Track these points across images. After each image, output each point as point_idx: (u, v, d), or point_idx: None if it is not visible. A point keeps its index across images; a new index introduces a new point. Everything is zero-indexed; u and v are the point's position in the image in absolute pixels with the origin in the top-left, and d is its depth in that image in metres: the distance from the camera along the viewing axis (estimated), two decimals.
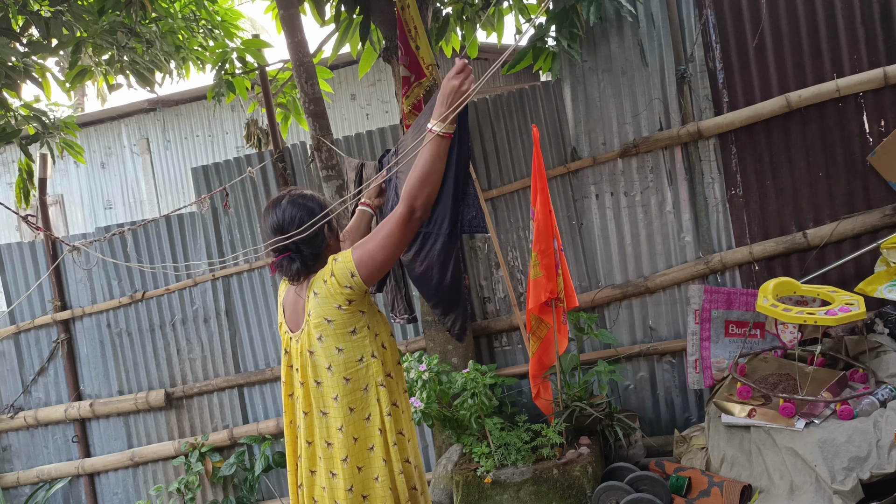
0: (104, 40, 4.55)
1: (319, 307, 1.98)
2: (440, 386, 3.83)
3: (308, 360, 2.04)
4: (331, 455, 2.04)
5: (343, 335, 1.99)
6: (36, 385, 5.54)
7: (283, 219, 2.06)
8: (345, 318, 1.98)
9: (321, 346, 2.00)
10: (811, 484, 2.95)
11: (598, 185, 4.44)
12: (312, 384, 2.05)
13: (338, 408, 2.01)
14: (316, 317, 1.99)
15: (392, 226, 1.91)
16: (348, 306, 1.97)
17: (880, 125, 3.92)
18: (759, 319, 3.88)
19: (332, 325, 1.98)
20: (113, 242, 5.32)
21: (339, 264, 1.96)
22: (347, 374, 2.01)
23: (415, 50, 4.21)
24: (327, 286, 1.96)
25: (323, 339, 2.00)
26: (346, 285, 1.94)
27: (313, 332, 2.01)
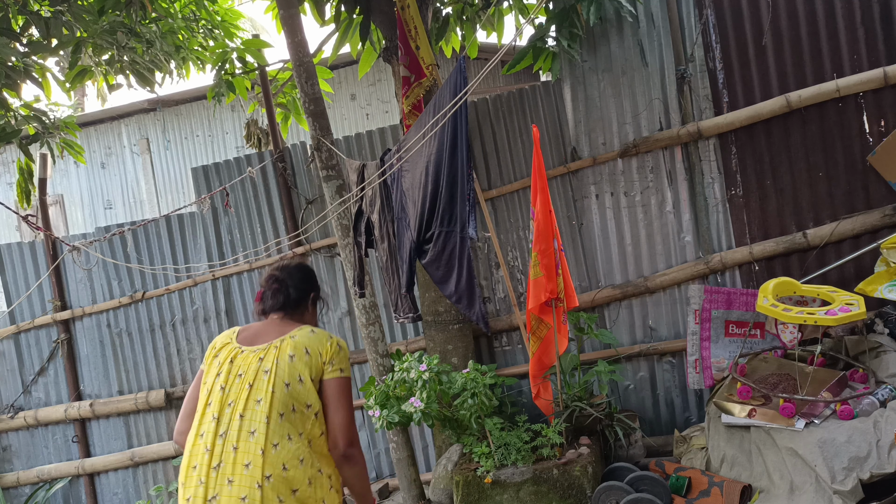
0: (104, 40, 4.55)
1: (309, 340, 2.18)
2: (440, 386, 3.83)
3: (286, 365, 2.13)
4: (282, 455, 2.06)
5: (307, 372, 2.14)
6: (36, 385, 5.54)
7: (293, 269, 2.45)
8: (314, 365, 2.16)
9: (293, 363, 2.13)
10: (811, 484, 2.95)
11: (598, 185, 4.44)
12: (281, 385, 2.10)
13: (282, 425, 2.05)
14: (300, 343, 2.16)
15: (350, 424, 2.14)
16: (319, 364, 2.16)
17: (880, 125, 3.91)
18: (759, 319, 3.88)
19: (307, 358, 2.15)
20: (113, 242, 5.32)
21: (346, 360, 2.22)
22: (296, 405, 2.09)
23: (415, 50, 4.21)
24: (329, 343, 2.20)
25: (294, 359, 2.14)
26: (327, 362, 2.16)
27: (290, 350, 2.15)
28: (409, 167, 3.69)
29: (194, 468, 2.04)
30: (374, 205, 4.12)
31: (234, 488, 1.97)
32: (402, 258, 3.86)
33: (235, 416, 2.06)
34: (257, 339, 2.23)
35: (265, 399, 2.06)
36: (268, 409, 2.05)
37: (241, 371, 2.14)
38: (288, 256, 5.07)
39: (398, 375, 3.88)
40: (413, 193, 3.64)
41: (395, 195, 3.92)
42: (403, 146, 3.74)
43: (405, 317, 4.13)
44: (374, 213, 4.15)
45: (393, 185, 3.93)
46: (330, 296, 5.06)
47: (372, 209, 4.16)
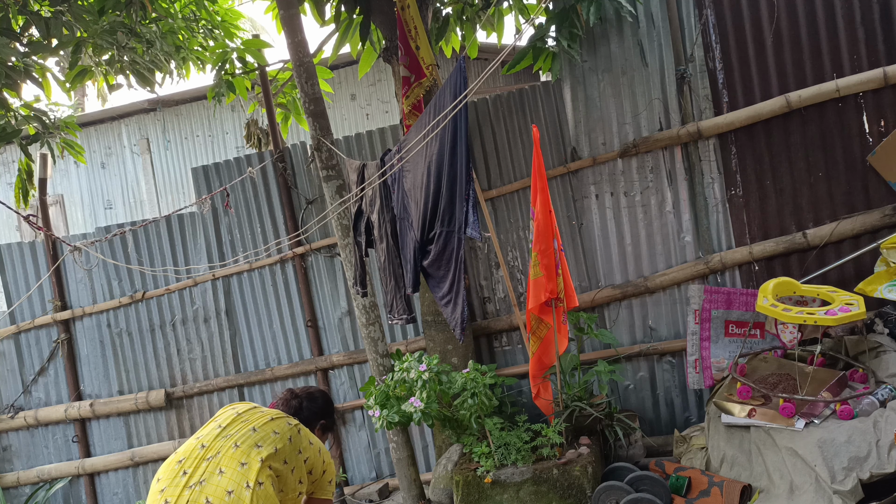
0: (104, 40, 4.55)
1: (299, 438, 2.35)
2: (440, 386, 3.83)
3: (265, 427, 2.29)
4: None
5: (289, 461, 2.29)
6: (36, 385, 5.55)
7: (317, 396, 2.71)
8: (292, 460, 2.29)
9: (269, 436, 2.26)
10: (811, 484, 2.95)
11: (598, 185, 4.44)
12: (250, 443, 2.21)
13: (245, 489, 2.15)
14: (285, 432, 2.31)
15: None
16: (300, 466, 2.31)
17: (880, 125, 3.92)
18: (759, 319, 3.88)
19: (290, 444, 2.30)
20: (113, 242, 5.32)
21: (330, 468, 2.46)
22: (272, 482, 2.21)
23: (415, 50, 4.21)
24: (318, 451, 2.40)
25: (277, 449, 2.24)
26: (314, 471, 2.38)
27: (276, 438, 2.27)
28: (411, 167, 3.69)
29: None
30: (374, 205, 4.12)
31: None
32: (405, 258, 3.86)
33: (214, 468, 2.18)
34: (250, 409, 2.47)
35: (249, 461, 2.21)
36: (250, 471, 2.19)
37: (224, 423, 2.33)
38: (288, 256, 5.07)
39: (398, 375, 3.88)
40: (415, 193, 3.64)
41: (396, 195, 3.92)
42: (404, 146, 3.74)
43: (399, 318, 4.11)
44: (373, 213, 4.15)
45: (394, 186, 3.93)
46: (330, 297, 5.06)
47: (372, 209, 4.16)
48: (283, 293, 5.14)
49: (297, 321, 5.13)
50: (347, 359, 4.99)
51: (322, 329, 5.11)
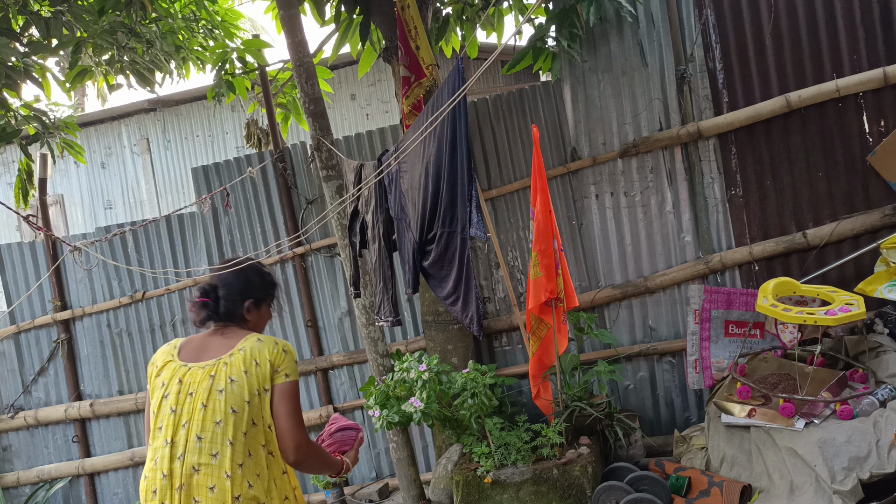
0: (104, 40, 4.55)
1: (257, 351, 2.10)
2: (440, 386, 3.83)
3: (228, 386, 2.04)
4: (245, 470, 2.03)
5: (258, 387, 2.07)
6: (36, 385, 5.55)
7: (241, 279, 2.32)
8: (265, 374, 2.09)
9: (245, 379, 2.05)
10: (811, 484, 2.95)
11: (598, 185, 4.44)
12: (227, 411, 2.02)
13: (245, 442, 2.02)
14: (249, 356, 2.08)
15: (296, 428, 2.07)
16: (270, 371, 2.09)
17: (880, 125, 3.92)
18: (759, 319, 3.88)
19: (258, 369, 2.08)
20: (113, 242, 5.32)
21: (292, 365, 2.13)
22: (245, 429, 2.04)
23: (415, 50, 4.21)
24: (275, 349, 2.12)
25: (248, 374, 2.06)
26: (276, 368, 2.09)
27: (239, 365, 2.07)
28: (408, 168, 3.68)
29: (154, 492, 1.99)
30: (369, 205, 4.12)
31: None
32: (404, 259, 3.86)
33: (192, 437, 1.99)
34: (203, 354, 2.13)
35: (225, 421, 2.00)
36: (232, 430, 1.99)
37: (192, 390, 2.05)
38: (288, 256, 5.07)
39: (398, 375, 3.88)
40: (413, 194, 3.64)
41: (393, 196, 3.92)
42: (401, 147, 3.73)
43: (385, 320, 4.09)
44: (367, 213, 4.14)
45: (391, 187, 3.93)
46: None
47: (367, 210, 4.16)
48: (283, 293, 5.14)
49: (297, 321, 5.13)
50: (347, 359, 4.99)
51: (322, 329, 5.11)
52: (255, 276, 2.33)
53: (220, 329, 2.21)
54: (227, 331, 2.20)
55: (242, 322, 2.25)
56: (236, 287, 2.25)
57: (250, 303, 2.27)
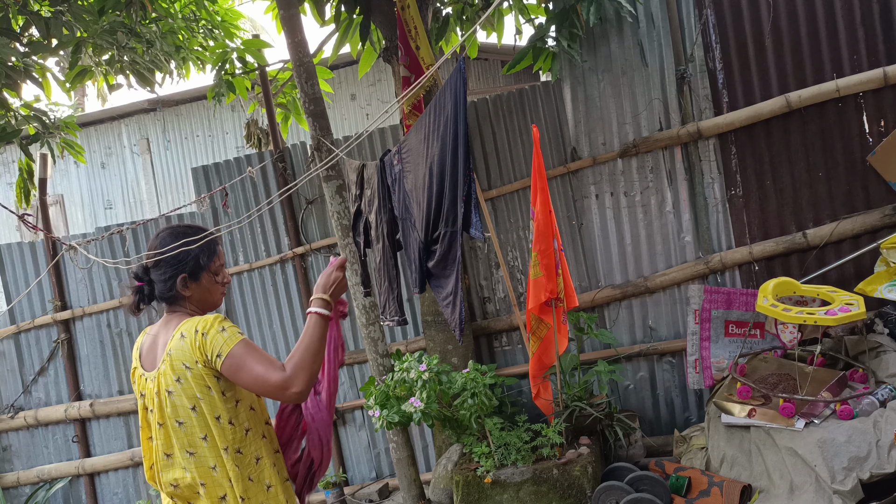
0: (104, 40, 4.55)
1: (181, 350, 1.86)
2: (440, 386, 3.83)
3: (166, 399, 1.89)
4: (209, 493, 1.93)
5: (201, 387, 1.88)
6: (36, 385, 5.54)
7: (153, 247, 2.06)
8: (202, 373, 1.87)
9: (180, 387, 1.87)
10: (811, 484, 2.95)
11: (598, 185, 4.44)
12: (174, 424, 1.90)
13: (208, 447, 1.88)
14: (176, 358, 1.87)
15: (270, 378, 1.80)
16: (202, 368, 1.86)
17: (880, 125, 3.92)
18: (759, 319, 3.88)
19: (191, 374, 1.86)
20: (113, 242, 5.32)
21: (219, 336, 1.84)
22: (202, 433, 1.88)
23: (415, 50, 4.21)
24: (195, 337, 1.85)
25: (182, 382, 1.87)
26: (207, 356, 1.84)
27: (170, 374, 1.88)
28: (411, 168, 3.68)
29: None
30: (373, 205, 4.12)
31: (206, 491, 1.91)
32: (410, 259, 3.86)
33: (160, 455, 1.94)
34: (154, 357, 1.99)
35: (178, 434, 1.89)
36: (188, 442, 1.89)
37: (150, 405, 1.95)
38: (288, 256, 5.07)
39: (398, 375, 3.88)
40: (417, 194, 3.64)
41: (396, 196, 3.92)
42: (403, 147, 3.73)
43: (391, 319, 4.11)
44: (371, 213, 4.15)
45: (394, 187, 3.93)
46: None
47: (370, 209, 4.16)
48: (283, 293, 5.14)
49: (297, 321, 5.13)
50: (347, 359, 4.99)
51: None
52: (182, 246, 2.03)
53: (167, 317, 2.03)
54: (170, 319, 2.00)
55: (184, 302, 2.01)
56: (165, 262, 1.99)
57: (183, 279, 1.99)
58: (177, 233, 2.05)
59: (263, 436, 2.00)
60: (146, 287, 2.02)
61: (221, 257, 2.09)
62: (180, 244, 2.01)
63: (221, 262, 2.08)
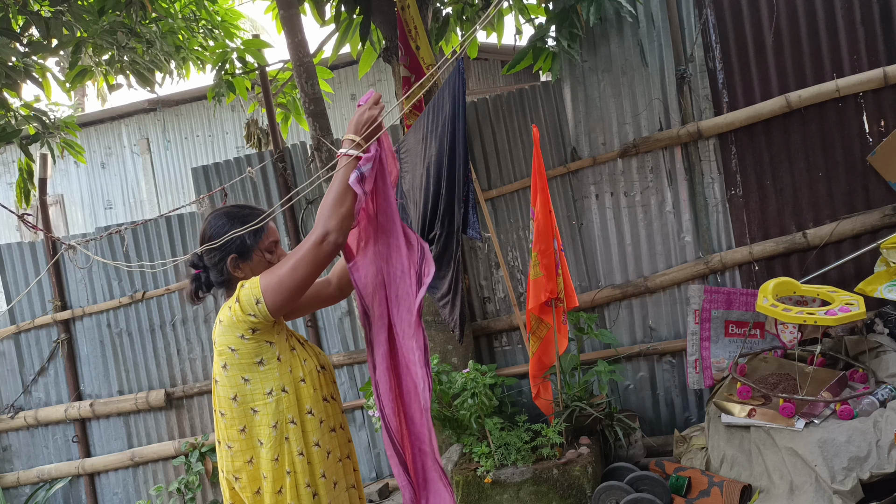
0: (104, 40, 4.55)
1: (223, 335, 1.81)
2: (440, 386, 3.83)
3: (214, 389, 1.89)
4: (238, 493, 1.90)
5: (249, 365, 1.81)
6: (36, 385, 5.54)
7: (204, 231, 1.98)
8: (249, 347, 1.80)
9: (226, 376, 1.83)
10: (811, 484, 2.95)
11: (598, 185, 4.44)
12: (218, 415, 1.88)
13: (244, 440, 1.84)
14: (220, 345, 1.82)
15: (304, 250, 1.74)
16: (252, 336, 1.79)
17: (880, 125, 3.92)
18: (759, 319, 3.88)
19: (237, 355, 1.80)
20: (113, 242, 5.32)
21: (245, 290, 1.78)
22: (255, 406, 1.83)
23: (415, 50, 4.21)
24: (231, 313, 1.79)
25: (228, 368, 1.82)
26: (250, 313, 1.76)
27: (218, 361, 1.84)
28: (409, 168, 3.68)
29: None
30: None
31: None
32: None
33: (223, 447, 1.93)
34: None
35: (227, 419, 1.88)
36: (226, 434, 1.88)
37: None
38: None
39: None
40: (414, 195, 3.64)
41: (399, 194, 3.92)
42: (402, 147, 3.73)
43: None
44: None
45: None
46: None
47: None
48: None
49: (296, 321, 5.13)
50: (347, 359, 4.99)
51: (322, 329, 5.10)
52: (228, 224, 1.94)
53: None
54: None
55: (235, 285, 1.91)
56: (216, 247, 1.92)
57: (233, 259, 1.92)
58: (225, 213, 1.97)
59: (310, 411, 1.90)
60: (203, 274, 1.97)
61: (274, 233, 1.99)
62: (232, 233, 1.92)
63: (274, 238, 1.99)
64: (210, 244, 1.93)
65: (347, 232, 1.78)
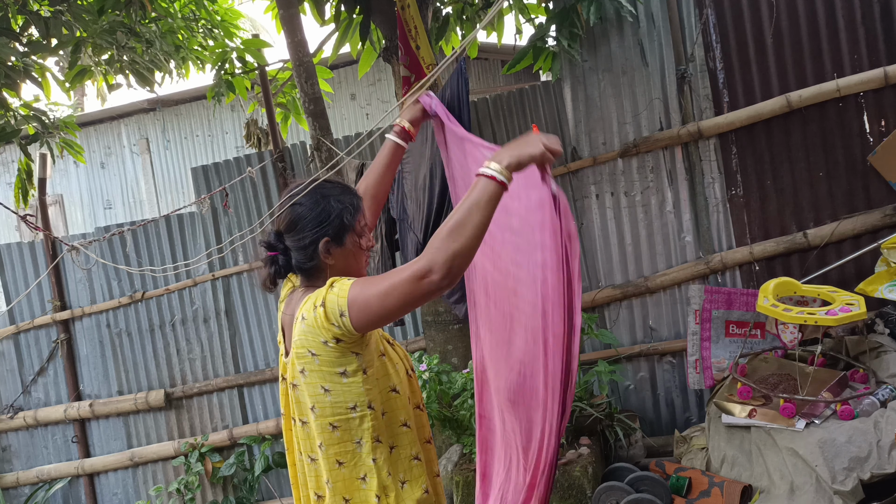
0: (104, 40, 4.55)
1: (305, 335, 1.58)
2: (440, 386, 3.83)
3: (292, 394, 1.69)
4: None
5: (330, 374, 1.59)
6: (35, 385, 5.54)
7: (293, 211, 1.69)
8: (332, 356, 1.57)
9: (304, 381, 1.62)
10: (811, 484, 2.94)
11: (598, 185, 4.43)
12: (298, 423, 1.70)
13: (324, 457, 1.64)
14: (300, 346, 1.60)
15: (401, 279, 1.46)
16: (336, 345, 1.56)
17: (881, 125, 3.91)
18: (760, 319, 3.88)
19: (317, 361, 1.58)
20: (112, 242, 5.31)
21: (332, 295, 1.54)
22: (335, 421, 1.61)
23: (415, 50, 4.21)
24: (315, 315, 1.55)
25: (306, 374, 1.61)
26: (334, 323, 1.53)
27: (296, 364, 1.63)
28: (411, 169, 3.68)
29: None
30: None
31: None
32: (406, 260, 3.87)
33: (305, 459, 1.73)
34: (290, 335, 1.70)
35: (303, 437, 1.70)
36: (308, 447, 1.69)
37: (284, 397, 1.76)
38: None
39: None
40: (417, 195, 3.64)
41: (395, 196, 3.92)
42: None
43: None
44: None
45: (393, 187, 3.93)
46: None
47: None
48: None
49: None
50: None
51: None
52: (329, 203, 1.67)
53: (302, 293, 1.71)
54: (302, 296, 1.68)
55: (323, 275, 1.67)
56: (304, 224, 1.65)
57: (326, 243, 1.65)
58: (317, 191, 1.68)
59: (405, 424, 1.69)
60: (281, 256, 1.68)
61: (366, 215, 1.75)
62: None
63: (366, 220, 1.75)
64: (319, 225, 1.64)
65: (456, 277, 1.42)
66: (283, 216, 1.69)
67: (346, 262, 1.69)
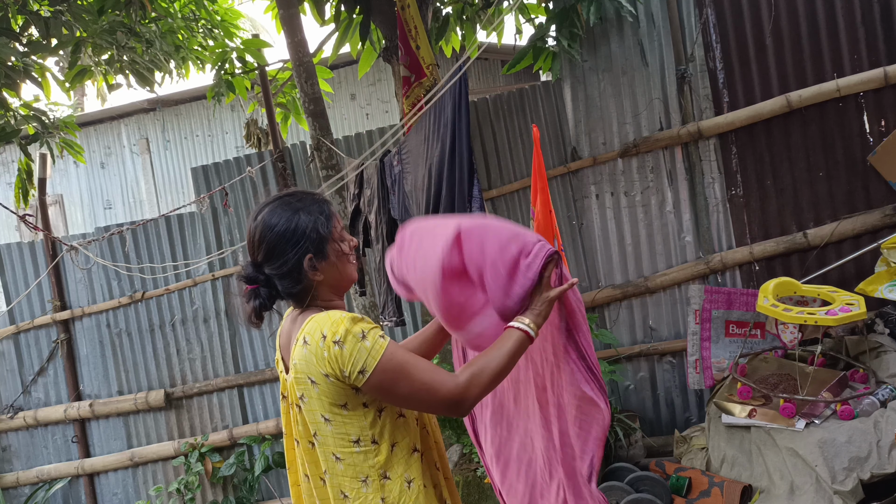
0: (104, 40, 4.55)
1: (306, 362, 1.48)
2: None
3: (296, 415, 1.59)
4: None
5: (330, 405, 1.49)
6: (35, 385, 5.54)
7: (254, 234, 1.57)
8: (331, 389, 1.48)
9: (304, 408, 1.54)
10: (811, 484, 2.94)
11: (598, 185, 4.43)
12: (306, 444, 1.60)
13: (330, 486, 1.54)
14: (300, 371, 1.50)
15: (436, 390, 1.45)
16: (336, 381, 1.47)
17: (881, 125, 3.91)
18: (760, 319, 3.88)
19: (317, 390, 1.48)
20: (112, 242, 5.31)
21: (360, 345, 1.44)
22: (338, 453, 1.51)
23: (415, 50, 4.21)
24: (324, 346, 1.45)
25: (305, 401, 1.52)
26: (346, 373, 1.45)
27: (295, 386, 1.54)
28: (411, 169, 3.68)
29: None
30: (372, 205, 4.12)
31: None
32: None
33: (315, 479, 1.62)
34: (288, 353, 1.63)
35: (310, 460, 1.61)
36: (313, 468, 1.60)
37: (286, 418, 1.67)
38: None
39: None
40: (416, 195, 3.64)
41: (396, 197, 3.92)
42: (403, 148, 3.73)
43: (389, 319, 4.14)
44: (371, 213, 4.14)
45: (393, 187, 3.93)
46: None
47: (370, 209, 4.16)
48: None
49: None
50: None
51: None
52: (301, 218, 1.55)
53: (294, 314, 1.64)
54: (298, 318, 1.61)
55: (315, 293, 1.59)
56: (279, 249, 1.54)
57: (310, 260, 1.54)
58: (283, 205, 1.56)
59: (415, 449, 1.58)
60: (262, 289, 1.58)
61: (339, 218, 1.64)
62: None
63: (342, 223, 1.64)
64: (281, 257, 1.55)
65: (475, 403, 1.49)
66: (256, 246, 1.57)
67: (333, 274, 1.61)
